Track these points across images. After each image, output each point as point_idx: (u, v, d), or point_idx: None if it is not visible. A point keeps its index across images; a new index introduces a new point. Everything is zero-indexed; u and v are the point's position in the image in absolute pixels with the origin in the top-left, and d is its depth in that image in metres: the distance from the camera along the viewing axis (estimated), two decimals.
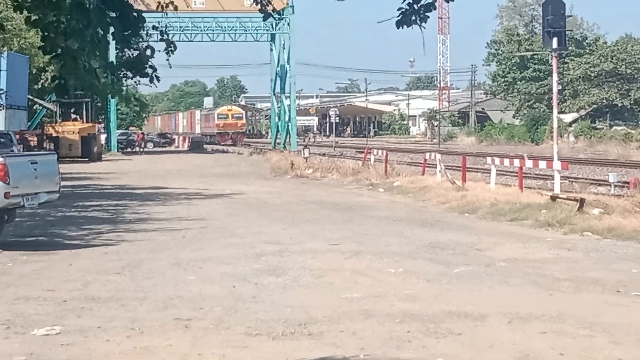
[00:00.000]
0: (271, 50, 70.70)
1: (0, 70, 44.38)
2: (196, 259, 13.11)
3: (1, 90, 43.31)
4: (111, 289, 10.87)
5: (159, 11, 7.24)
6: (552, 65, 23.37)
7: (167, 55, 6.88)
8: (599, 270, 12.18)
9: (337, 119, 78.12)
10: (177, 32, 60.67)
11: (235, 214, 20.30)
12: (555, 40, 21.46)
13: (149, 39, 7.12)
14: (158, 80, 6.75)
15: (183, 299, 10.18)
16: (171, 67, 7.70)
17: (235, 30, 65.73)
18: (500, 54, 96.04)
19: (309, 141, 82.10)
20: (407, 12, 6.96)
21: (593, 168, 39.30)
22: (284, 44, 67.24)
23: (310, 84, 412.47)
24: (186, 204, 23.02)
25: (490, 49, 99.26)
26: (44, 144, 50.93)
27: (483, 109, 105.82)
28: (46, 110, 59.81)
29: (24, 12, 6.56)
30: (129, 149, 68.71)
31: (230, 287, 10.90)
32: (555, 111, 23.18)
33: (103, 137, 62.01)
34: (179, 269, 12.36)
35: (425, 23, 7.08)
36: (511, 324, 8.87)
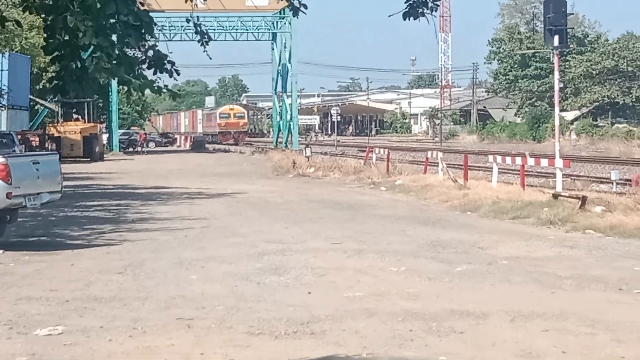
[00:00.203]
0: (273, 49, 70.68)
1: (2, 70, 44.39)
2: (198, 259, 13.11)
3: (4, 88, 43.29)
4: (113, 288, 10.88)
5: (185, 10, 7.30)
6: (554, 63, 23.36)
7: (203, 47, 6.90)
8: (601, 268, 12.18)
9: (339, 117, 77.88)
10: (179, 32, 60.63)
11: (237, 213, 20.31)
12: (556, 38, 21.44)
13: (156, 38, 7.14)
14: (178, 74, 6.74)
15: (185, 299, 10.18)
16: (211, 59, 7.74)
17: (237, 30, 65.70)
18: (501, 52, 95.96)
19: (311, 140, 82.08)
20: (415, 4, 6.96)
21: (595, 166, 39.27)
22: (285, 43, 67.20)
23: (311, 83, 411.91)
24: (188, 204, 23.03)
25: (492, 47, 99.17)
26: (46, 144, 51.02)
27: (485, 107, 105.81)
28: (48, 110, 59.82)
29: (25, 13, 6.57)
30: (131, 149, 68.77)
31: (232, 287, 10.90)
32: (557, 109, 23.17)
33: (105, 137, 62.08)
34: (181, 268, 12.37)
35: (435, 12, 7.12)
36: (513, 322, 8.87)
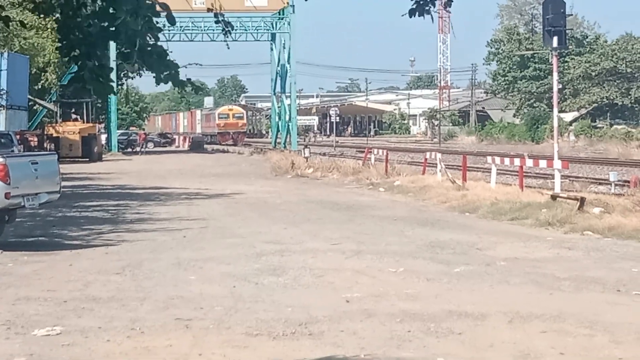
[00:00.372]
0: (271, 49, 70.69)
1: (0, 70, 44.38)
2: (197, 259, 13.11)
3: (2, 90, 43.29)
4: (112, 289, 10.88)
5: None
6: (553, 64, 23.36)
7: (225, 37, 6.91)
8: (600, 270, 12.19)
9: (338, 118, 78.07)
10: (178, 32, 60.60)
11: (236, 214, 20.31)
12: (555, 39, 21.45)
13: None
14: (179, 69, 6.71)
15: (184, 299, 10.18)
16: (229, 49, 7.75)
17: (236, 30, 65.50)
18: (500, 53, 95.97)
19: (310, 141, 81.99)
20: (423, 2, 6.95)
21: (593, 167, 39.27)
22: (284, 44, 67.24)
23: (310, 84, 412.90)
24: (187, 204, 23.03)
25: (491, 48, 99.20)
26: (45, 144, 50.95)
27: (483, 108, 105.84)
28: (46, 110, 59.81)
29: (25, 13, 6.54)
30: (130, 149, 68.76)
31: (230, 287, 10.91)
32: (555, 110, 23.18)
33: (103, 137, 62.04)
34: (179, 269, 12.37)
35: (450, 7, 7.14)
36: (511, 323, 8.88)
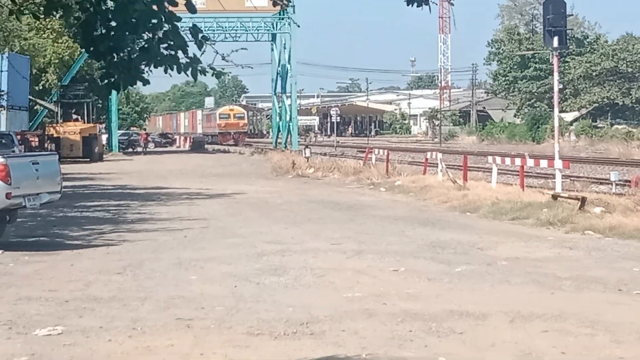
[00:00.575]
0: (272, 50, 70.65)
1: (1, 71, 44.41)
2: (198, 259, 13.12)
3: (2, 91, 43.31)
4: (113, 289, 10.88)
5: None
6: (553, 64, 23.36)
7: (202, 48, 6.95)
8: (601, 269, 12.19)
9: (338, 118, 77.86)
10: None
11: (237, 214, 20.31)
12: (556, 39, 21.44)
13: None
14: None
15: (185, 299, 10.18)
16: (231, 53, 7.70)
17: (236, 30, 65.67)
18: (501, 53, 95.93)
19: (310, 141, 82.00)
20: None
21: (594, 167, 39.27)
22: (284, 44, 67.22)
23: (311, 84, 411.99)
24: (187, 204, 23.03)
25: (491, 48, 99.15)
26: (45, 145, 50.99)
27: (484, 108, 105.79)
28: (47, 110, 59.83)
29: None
30: (131, 149, 68.77)
31: (231, 287, 10.91)
32: (556, 110, 23.17)
33: (104, 138, 62.07)
34: (180, 268, 12.37)
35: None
36: (513, 323, 8.88)
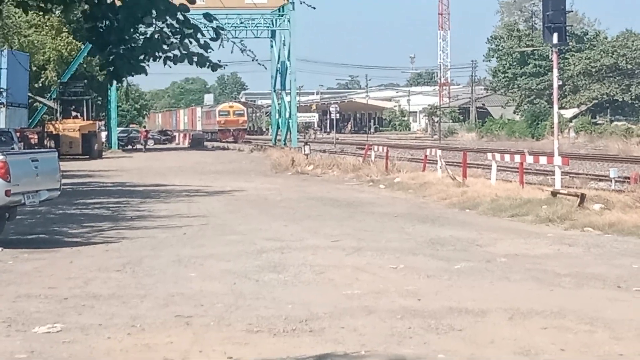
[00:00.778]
0: (271, 46, 70.58)
1: (0, 68, 44.36)
2: (197, 256, 13.12)
3: (2, 89, 43.28)
4: (112, 286, 10.88)
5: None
6: (553, 61, 23.35)
7: (219, 40, 6.93)
8: (600, 266, 12.19)
9: (338, 115, 77.73)
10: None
11: (236, 211, 20.31)
12: (555, 35, 21.45)
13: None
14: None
15: (184, 296, 10.18)
16: (232, 52, 7.65)
17: (236, 27, 65.61)
18: (500, 49, 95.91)
19: (310, 138, 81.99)
20: None
21: (594, 163, 39.26)
22: (284, 41, 67.18)
23: (310, 81, 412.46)
24: (187, 201, 23.03)
25: (491, 45, 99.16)
26: (45, 142, 50.95)
27: (483, 104, 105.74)
28: (47, 108, 59.79)
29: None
30: (130, 147, 68.75)
31: (231, 284, 10.91)
32: (555, 107, 23.18)
33: (104, 135, 62.01)
34: (179, 266, 12.37)
35: None
36: (512, 320, 8.88)
